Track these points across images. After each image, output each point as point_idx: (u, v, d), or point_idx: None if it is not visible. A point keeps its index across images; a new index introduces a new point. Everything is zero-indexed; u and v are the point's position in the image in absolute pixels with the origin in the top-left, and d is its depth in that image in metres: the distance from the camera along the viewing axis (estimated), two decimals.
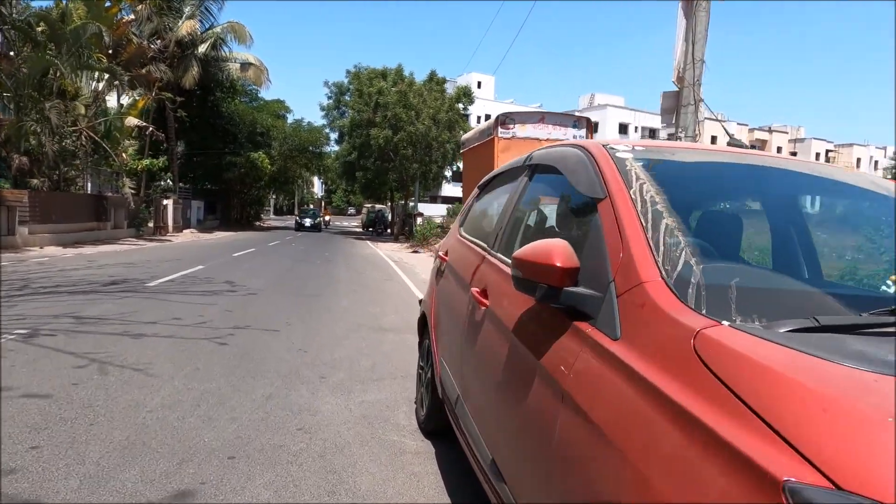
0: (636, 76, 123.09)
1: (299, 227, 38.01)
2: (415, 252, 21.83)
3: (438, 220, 31.12)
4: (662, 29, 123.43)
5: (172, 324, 5.97)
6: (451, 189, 51.22)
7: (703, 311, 1.24)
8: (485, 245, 2.66)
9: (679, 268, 1.38)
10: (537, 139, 9.35)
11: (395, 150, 28.23)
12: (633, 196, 1.64)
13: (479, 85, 56.36)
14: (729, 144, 2.18)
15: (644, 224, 1.52)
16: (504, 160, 9.40)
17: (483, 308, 2.23)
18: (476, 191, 3.47)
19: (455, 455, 3.15)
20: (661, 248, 1.44)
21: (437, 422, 3.37)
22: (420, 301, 4.03)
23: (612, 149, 1.93)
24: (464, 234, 3.27)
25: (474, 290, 2.39)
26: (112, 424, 3.25)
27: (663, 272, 1.36)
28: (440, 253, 3.46)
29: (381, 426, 3.59)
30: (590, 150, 1.96)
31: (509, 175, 2.87)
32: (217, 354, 4.93)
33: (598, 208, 1.70)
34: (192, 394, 3.87)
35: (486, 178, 3.32)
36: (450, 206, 41.63)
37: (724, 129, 2.34)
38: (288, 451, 3.10)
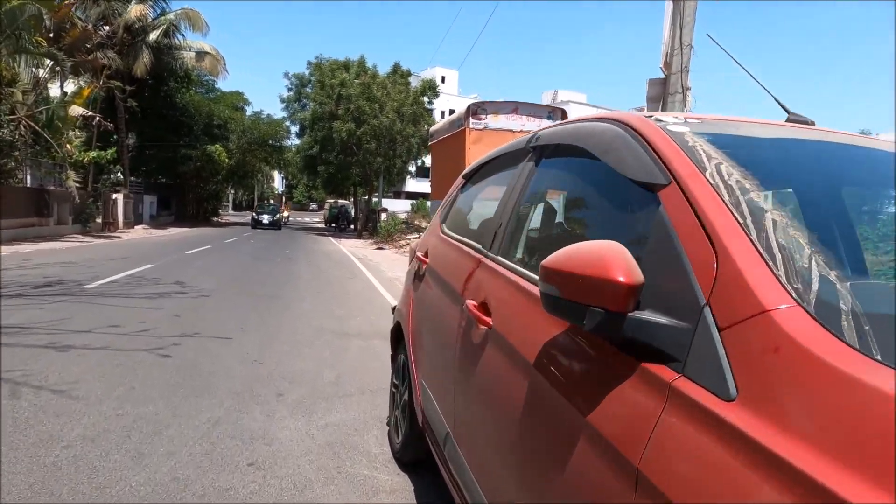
0: (598, 74, 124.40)
1: (256, 224, 33.40)
2: (379, 249, 21.20)
3: (403, 216, 30.58)
4: (625, 27, 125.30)
5: (109, 332, 5.29)
6: (415, 184, 50.69)
7: (878, 359, 0.78)
8: (479, 246, 2.16)
9: (815, 287, 0.91)
10: (510, 130, 8.91)
11: (358, 143, 27.47)
12: (711, 181, 1.17)
13: (442, 79, 55.81)
14: (789, 120, 1.74)
15: (742, 220, 1.05)
16: (476, 152, 8.93)
17: (484, 327, 1.74)
18: (460, 181, 2.97)
19: (438, 494, 2.66)
20: (778, 255, 0.97)
21: (415, 451, 2.87)
22: (393, 308, 3.52)
23: (661, 121, 1.47)
24: (447, 231, 2.77)
25: (470, 303, 1.89)
26: (14, 468, 2.63)
27: (794, 293, 0.90)
28: (419, 254, 2.95)
29: (350, 456, 3.06)
30: (630, 123, 1.49)
31: (506, 160, 2.38)
32: (158, 369, 4.30)
33: (659, 199, 1.22)
34: (123, 421, 3.26)
35: (474, 164, 2.82)
36: (414, 201, 41.09)
37: (777, 102, 1.88)
38: (237, 495, 2.56)
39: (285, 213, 39.93)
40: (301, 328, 6.19)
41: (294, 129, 35.96)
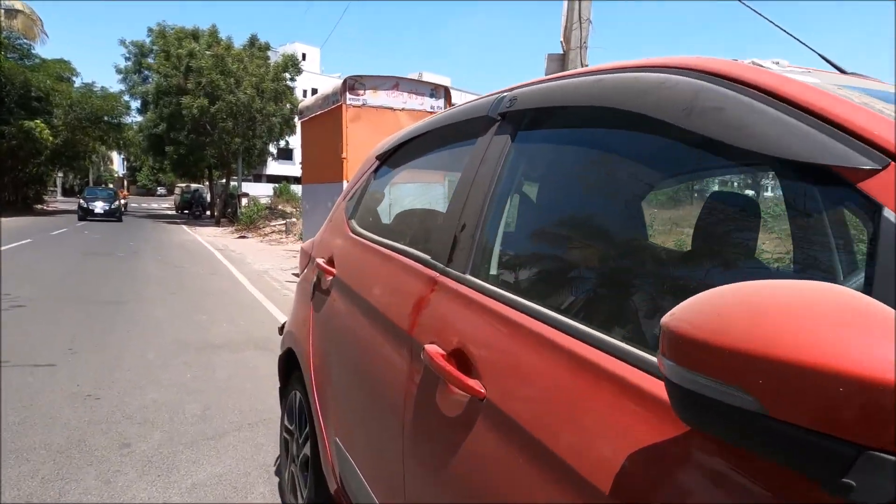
0: (461, 58, 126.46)
1: (86, 213, 25.66)
2: (242, 238, 19.47)
3: (265, 201, 28.53)
4: (489, 13, 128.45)
5: None
6: (277, 167, 47.99)
7: None
8: (427, 258, 1.50)
9: None
10: (391, 108, 8.21)
11: (212, 121, 25.01)
12: None
13: (303, 57, 52.94)
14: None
15: None
16: (354, 131, 8.11)
17: (463, 393, 1.10)
18: (374, 162, 2.25)
19: None
20: None
21: None
22: (281, 328, 2.73)
23: (781, 67, 0.92)
24: (361, 230, 2.06)
25: (432, 349, 1.23)
26: None
27: None
28: (320, 261, 2.20)
29: None
30: (724, 72, 0.91)
31: (449, 133, 1.73)
32: None
33: (871, 195, 0.66)
34: None
35: (394, 140, 2.12)
36: (276, 185, 38.74)
37: (831, 63, 1.44)
38: None
39: (122, 200, 33.22)
40: (153, 343, 5.07)
41: (135, 104, 32.04)
